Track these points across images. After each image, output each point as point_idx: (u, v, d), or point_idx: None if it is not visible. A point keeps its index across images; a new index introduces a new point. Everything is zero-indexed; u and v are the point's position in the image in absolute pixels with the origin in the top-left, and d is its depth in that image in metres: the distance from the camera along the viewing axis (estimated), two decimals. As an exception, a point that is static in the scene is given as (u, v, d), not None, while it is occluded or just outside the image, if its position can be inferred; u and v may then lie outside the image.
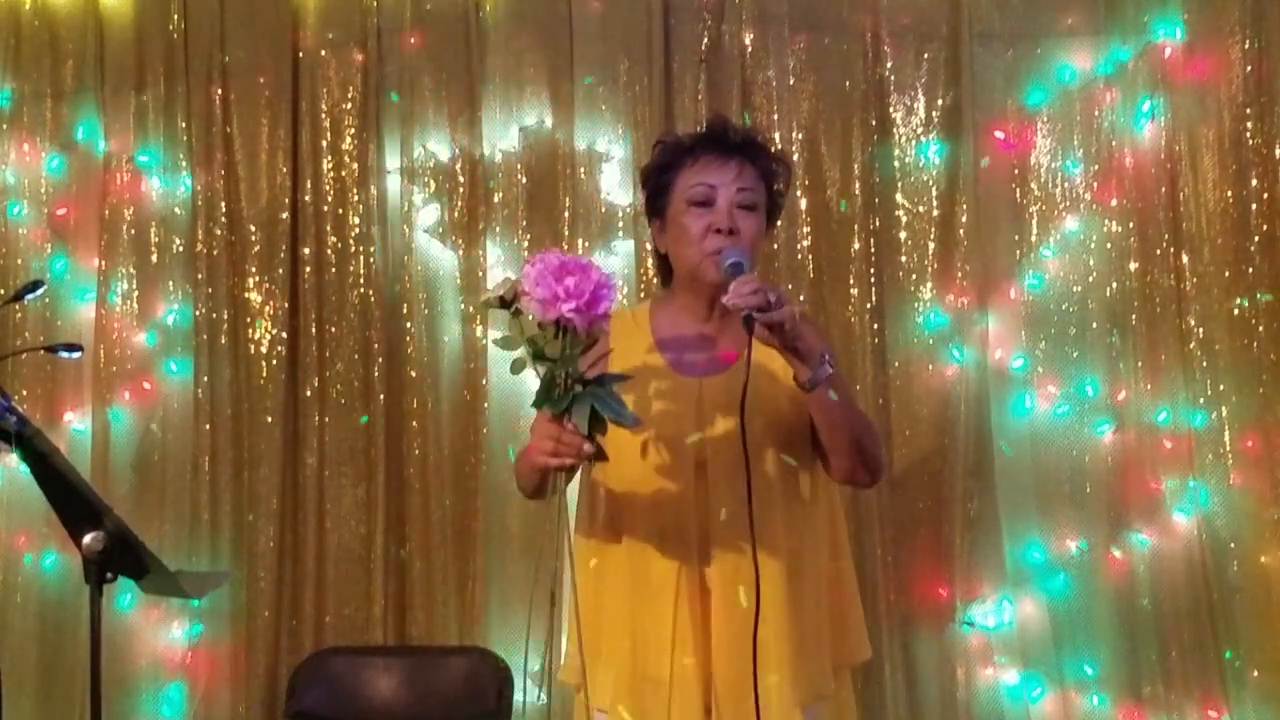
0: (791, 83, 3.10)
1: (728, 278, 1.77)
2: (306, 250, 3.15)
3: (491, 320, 3.02)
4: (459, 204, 3.13)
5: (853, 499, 3.03)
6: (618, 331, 1.95)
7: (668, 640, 1.86)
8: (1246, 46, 3.05)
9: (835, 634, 1.97)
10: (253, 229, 3.16)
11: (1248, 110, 3.05)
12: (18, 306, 3.09)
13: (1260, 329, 3.02)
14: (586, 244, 3.07)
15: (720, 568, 1.86)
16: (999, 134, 3.10)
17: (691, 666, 1.85)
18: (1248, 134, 3.05)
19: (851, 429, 1.84)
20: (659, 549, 1.87)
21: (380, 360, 3.10)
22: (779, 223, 3.10)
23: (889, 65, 3.10)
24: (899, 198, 3.10)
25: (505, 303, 1.72)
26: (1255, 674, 2.97)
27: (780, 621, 1.85)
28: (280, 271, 3.14)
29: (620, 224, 3.09)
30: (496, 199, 3.12)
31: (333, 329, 3.13)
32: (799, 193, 3.08)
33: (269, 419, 3.11)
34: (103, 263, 3.17)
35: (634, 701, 1.88)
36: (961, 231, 3.06)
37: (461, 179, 3.14)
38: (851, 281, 3.07)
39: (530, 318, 1.71)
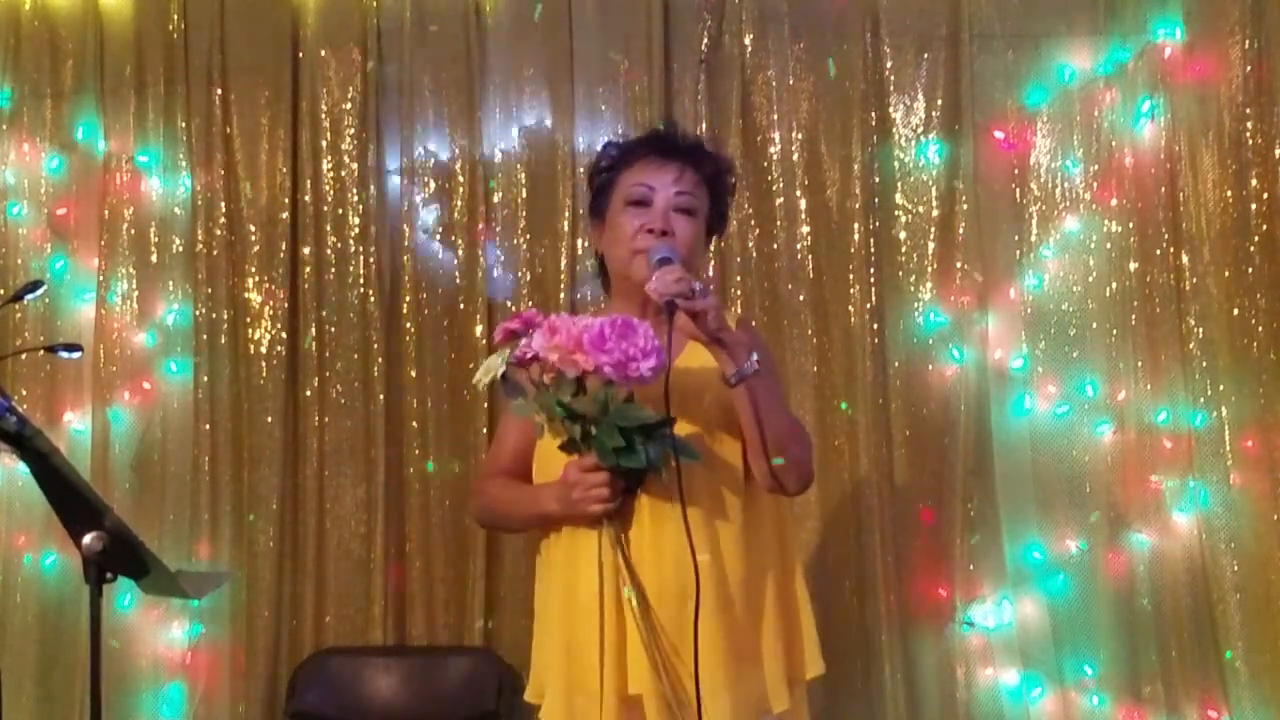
0: (791, 83, 3.10)
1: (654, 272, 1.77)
2: (306, 250, 3.14)
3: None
4: (459, 204, 3.13)
5: (853, 499, 3.04)
6: None
7: (595, 652, 1.82)
8: (1246, 46, 3.04)
9: (786, 649, 1.93)
10: (253, 229, 3.16)
11: (1248, 110, 3.04)
12: (18, 306, 3.09)
13: (1260, 329, 3.02)
14: (586, 244, 3.06)
15: (652, 569, 1.83)
16: (999, 134, 3.10)
17: (618, 681, 1.81)
18: (1248, 134, 3.05)
19: (776, 430, 1.82)
20: (586, 559, 1.85)
21: (380, 360, 3.10)
22: (777, 223, 3.12)
23: (889, 65, 3.10)
24: (899, 198, 3.10)
25: (507, 379, 1.79)
26: (1255, 674, 2.96)
27: (711, 637, 1.80)
28: (280, 271, 3.13)
29: (620, 224, 3.09)
30: (496, 199, 3.12)
31: (333, 329, 3.13)
32: (799, 193, 3.08)
33: (269, 419, 3.11)
34: (103, 263, 3.16)
35: (568, 715, 1.87)
36: (961, 231, 3.06)
37: (461, 179, 3.13)
38: (851, 281, 3.07)
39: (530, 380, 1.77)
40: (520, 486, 1.97)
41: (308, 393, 3.12)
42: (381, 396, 3.09)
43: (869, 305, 3.05)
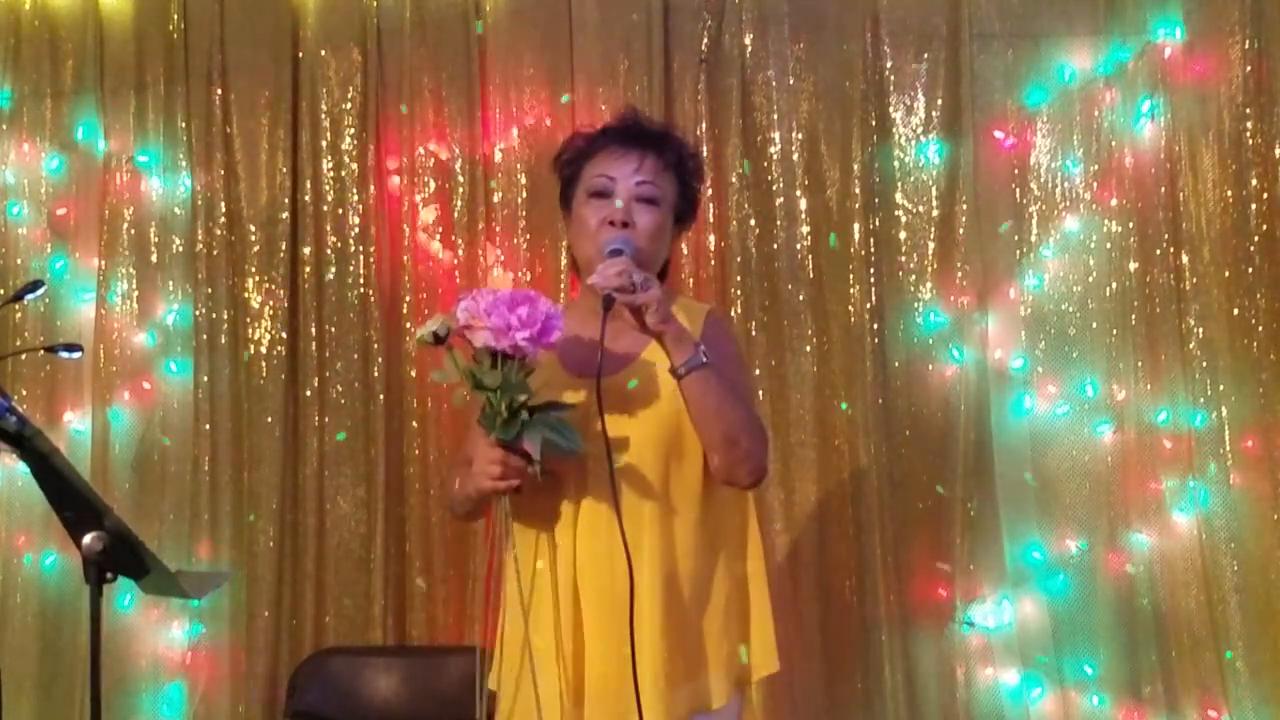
0: (791, 83, 3.10)
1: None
2: (306, 250, 3.15)
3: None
4: (459, 204, 3.13)
5: (853, 499, 3.04)
6: None
7: (550, 633, 1.84)
8: (1246, 46, 3.04)
9: (736, 648, 1.91)
10: (253, 229, 3.16)
11: (1248, 110, 3.04)
12: (18, 306, 3.09)
13: (1260, 329, 3.02)
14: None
15: (594, 565, 1.84)
16: (999, 134, 3.10)
17: (564, 657, 1.83)
18: (1248, 134, 3.04)
19: (726, 423, 1.80)
20: (543, 544, 1.87)
21: (380, 360, 3.10)
22: (779, 222, 3.12)
23: (889, 65, 3.10)
24: (899, 198, 3.09)
25: (439, 339, 1.76)
26: (1255, 674, 2.96)
27: (650, 628, 1.80)
28: (280, 271, 3.14)
29: (620, 224, 3.09)
30: (496, 199, 3.12)
31: (333, 329, 3.13)
32: (799, 193, 3.08)
33: (269, 419, 3.11)
34: (103, 263, 3.17)
35: (512, 689, 1.88)
36: (961, 231, 3.06)
37: (461, 179, 3.14)
38: (851, 281, 3.07)
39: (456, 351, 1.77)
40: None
41: (308, 393, 3.12)
42: (381, 396, 3.09)
43: (869, 305, 3.05)
